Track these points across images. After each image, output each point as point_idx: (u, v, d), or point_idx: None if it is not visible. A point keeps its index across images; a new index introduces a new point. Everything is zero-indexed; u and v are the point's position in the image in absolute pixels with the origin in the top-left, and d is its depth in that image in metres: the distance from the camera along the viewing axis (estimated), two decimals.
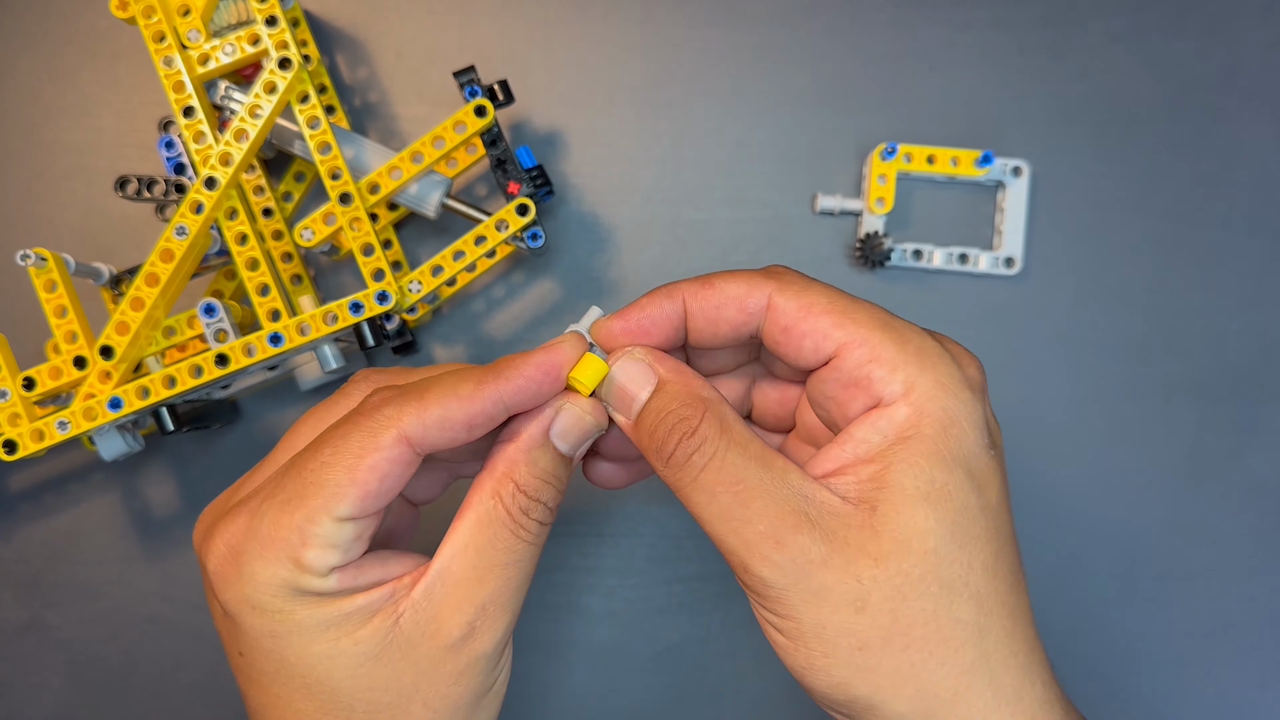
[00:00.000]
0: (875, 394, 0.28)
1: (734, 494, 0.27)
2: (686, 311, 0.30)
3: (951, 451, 0.27)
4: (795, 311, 0.29)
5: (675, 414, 0.28)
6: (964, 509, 0.27)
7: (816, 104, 0.44)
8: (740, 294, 0.29)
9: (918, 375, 0.27)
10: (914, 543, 0.26)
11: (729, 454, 0.28)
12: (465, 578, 0.28)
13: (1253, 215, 0.43)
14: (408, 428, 0.28)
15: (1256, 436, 0.43)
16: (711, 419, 0.28)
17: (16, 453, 0.36)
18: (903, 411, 0.27)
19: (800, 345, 0.29)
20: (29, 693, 0.42)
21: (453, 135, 0.39)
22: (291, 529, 0.27)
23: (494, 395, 0.28)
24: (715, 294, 0.30)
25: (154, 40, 0.37)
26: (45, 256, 0.37)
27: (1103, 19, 0.44)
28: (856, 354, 0.28)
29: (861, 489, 0.27)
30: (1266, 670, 0.42)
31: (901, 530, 0.26)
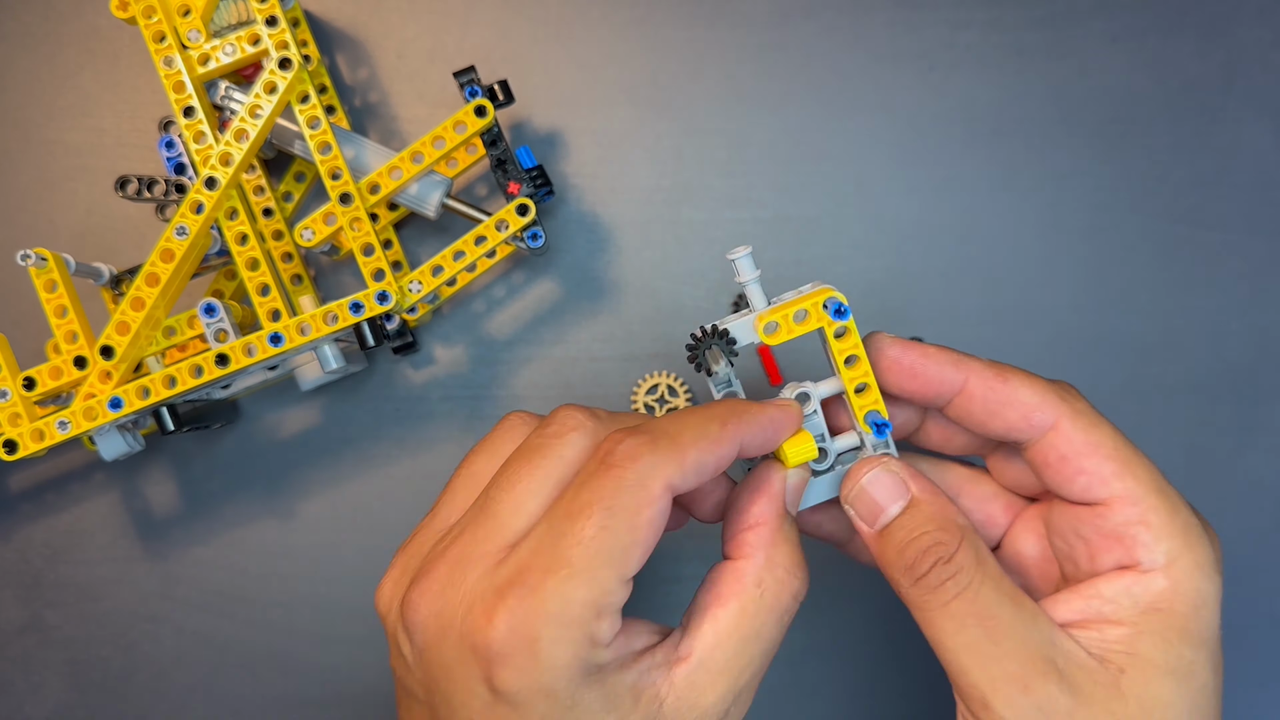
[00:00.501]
0: (1134, 556, 0.28)
1: (985, 629, 0.27)
2: (965, 390, 0.30)
3: (1200, 632, 0.28)
4: (1080, 446, 0.29)
5: (931, 536, 0.29)
6: (1204, 688, 0.28)
7: (816, 104, 0.44)
8: (1032, 404, 0.29)
9: (1182, 551, 0.28)
10: (1156, 713, 0.27)
11: (984, 587, 0.28)
12: (729, 667, 0.28)
13: (1252, 215, 0.43)
14: (671, 476, 0.27)
15: (1256, 436, 0.43)
16: (968, 548, 0.28)
17: (17, 452, 0.36)
18: (1160, 583, 0.28)
19: (1073, 480, 0.29)
20: (29, 692, 0.42)
21: (453, 135, 0.39)
22: (588, 604, 0.26)
23: (736, 437, 0.28)
24: (1006, 391, 0.30)
25: (154, 40, 0.37)
26: (46, 256, 0.37)
27: (1102, 19, 0.44)
28: (1128, 511, 0.28)
29: (1108, 649, 0.28)
30: (1266, 670, 0.42)
31: (1147, 699, 0.27)
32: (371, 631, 0.42)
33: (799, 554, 0.30)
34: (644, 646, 0.28)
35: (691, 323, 0.43)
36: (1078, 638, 0.28)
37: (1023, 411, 0.29)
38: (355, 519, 0.43)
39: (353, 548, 0.43)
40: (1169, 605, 0.28)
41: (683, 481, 0.27)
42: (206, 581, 0.43)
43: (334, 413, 0.43)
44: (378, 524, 0.43)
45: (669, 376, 0.42)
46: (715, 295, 0.43)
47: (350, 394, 0.43)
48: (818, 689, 0.42)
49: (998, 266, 0.43)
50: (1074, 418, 0.29)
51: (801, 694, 0.42)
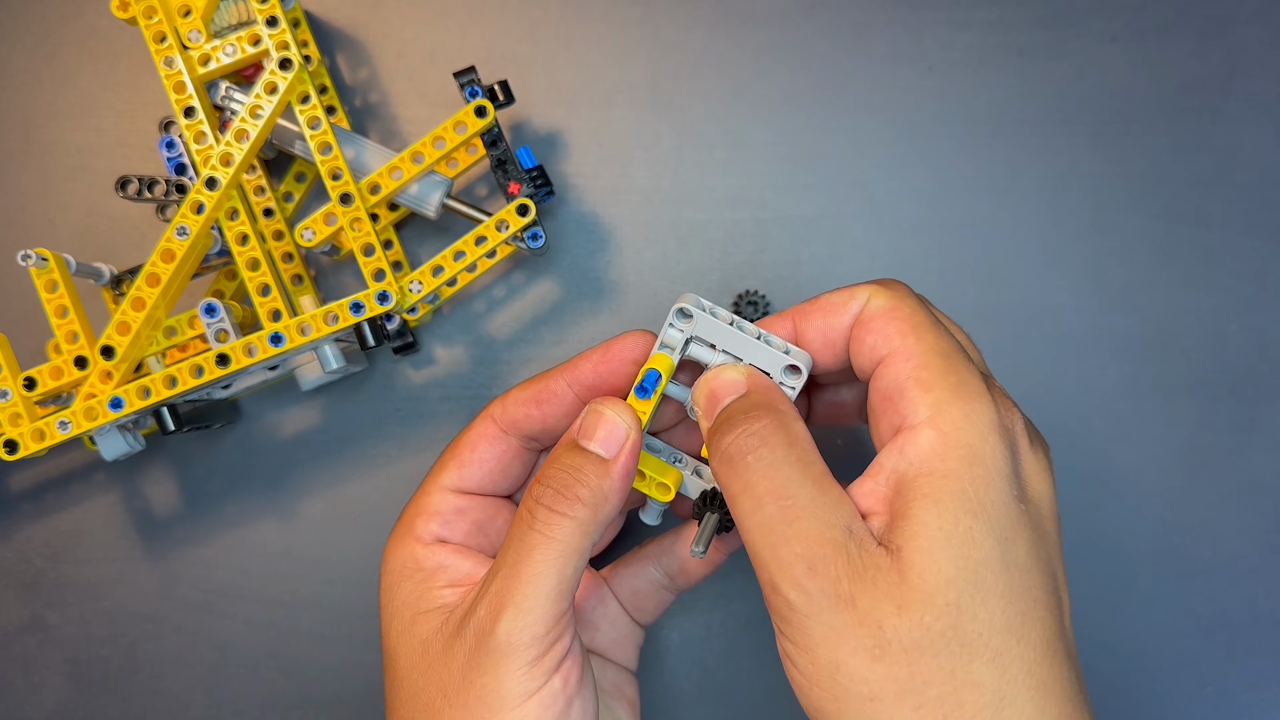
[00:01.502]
0: (902, 412, 0.27)
1: (780, 507, 0.26)
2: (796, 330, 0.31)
3: (977, 493, 0.26)
4: (878, 311, 0.29)
5: (745, 408, 0.29)
6: (986, 561, 0.25)
7: (817, 104, 0.44)
8: (840, 300, 0.30)
9: (949, 402, 0.26)
10: (938, 594, 0.25)
11: (786, 465, 0.27)
12: (491, 572, 0.29)
13: (1251, 215, 0.43)
14: (492, 409, 0.33)
15: (1255, 436, 0.43)
16: (777, 424, 0.28)
17: (17, 452, 0.36)
18: (927, 436, 0.26)
19: (862, 342, 0.29)
20: (30, 692, 0.42)
21: (453, 136, 0.39)
22: (414, 505, 0.33)
23: (558, 375, 0.33)
24: (817, 304, 0.31)
25: (155, 41, 0.37)
26: (46, 257, 0.37)
27: (1101, 20, 0.44)
28: (900, 366, 0.28)
29: (893, 526, 0.26)
30: (1265, 670, 0.42)
31: (926, 578, 0.25)
32: (372, 632, 0.42)
33: (571, 471, 0.30)
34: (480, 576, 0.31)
35: None
36: (870, 522, 0.27)
37: (839, 308, 0.30)
38: (356, 519, 0.43)
39: (353, 548, 0.43)
40: (940, 463, 0.26)
41: (502, 410, 0.33)
42: (207, 581, 0.43)
43: (334, 413, 0.43)
44: (378, 524, 0.43)
45: None
46: (715, 296, 0.43)
47: (351, 394, 0.43)
48: None
49: (997, 266, 0.43)
50: (880, 291, 0.29)
51: None
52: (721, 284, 0.43)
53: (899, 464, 0.27)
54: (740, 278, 0.43)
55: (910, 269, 0.43)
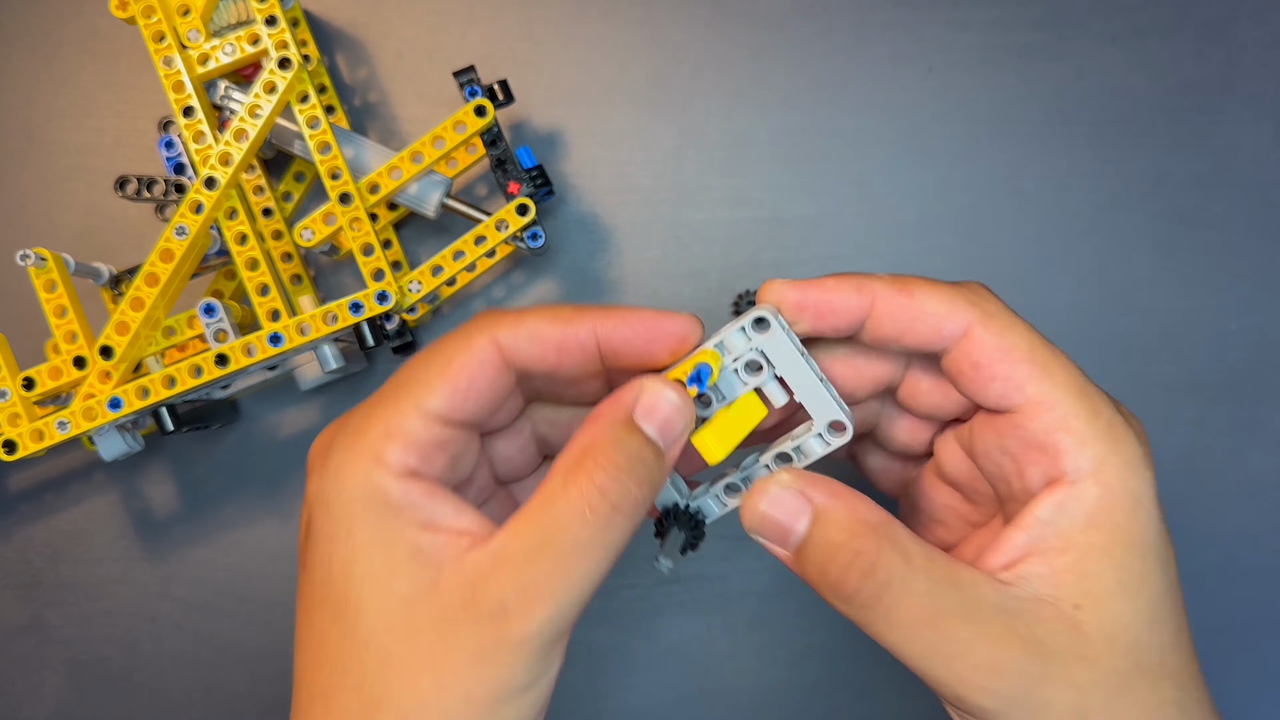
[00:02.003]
0: (1059, 466, 0.26)
1: (937, 630, 0.25)
2: (873, 312, 0.28)
3: (1142, 536, 0.26)
4: (993, 351, 0.27)
5: (848, 548, 0.26)
6: (1156, 593, 0.26)
7: (816, 105, 0.44)
8: (940, 313, 0.27)
9: (1108, 454, 0.26)
10: (1118, 637, 0.26)
11: (918, 583, 0.26)
12: (514, 553, 0.25)
13: (1251, 215, 0.43)
14: (500, 334, 0.27)
15: (1255, 436, 0.43)
16: (888, 548, 0.26)
17: (16, 453, 0.36)
18: (1092, 492, 0.26)
19: (988, 387, 0.27)
20: (29, 692, 0.42)
21: (453, 135, 0.39)
22: (379, 421, 0.26)
23: (589, 323, 0.27)
24: (912, 305, 0.28)
25: (154, 40, 0.37)
26: (45, 256, 0.37)
27: (1101, 20, 0.44)
28: (1046, 417, 0.26)
29: (1059, 581, 0.26)
30: (1266, 670, 0.42)
31: (1107, 626, 0.26)
32: None
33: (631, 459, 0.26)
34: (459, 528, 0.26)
35: None
36: (1027, 577, 0.26)
37: (932, 323, 0.27)
38: None
39: None
40: (1108, 516, 0.26)
41: (514, 342, 0.27)
42: (206, 581, 0.43)
43: (334, 412, 0.43)
44: None
45: None
46: (715, 296, 0.43)
47: (350, 394, 0.43)
48: (817, 688, 0.42)
49: (998, 267, 0.43)
50: (985, 322, 0.27)
51: (801, 693, 0.42)
52: (721, 284, 0.43)
53: (1061, 519, 0.26)
54: (740, 278, 0.43)
55: (910, 269, 0.43)
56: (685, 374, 0.27)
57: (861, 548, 0.26)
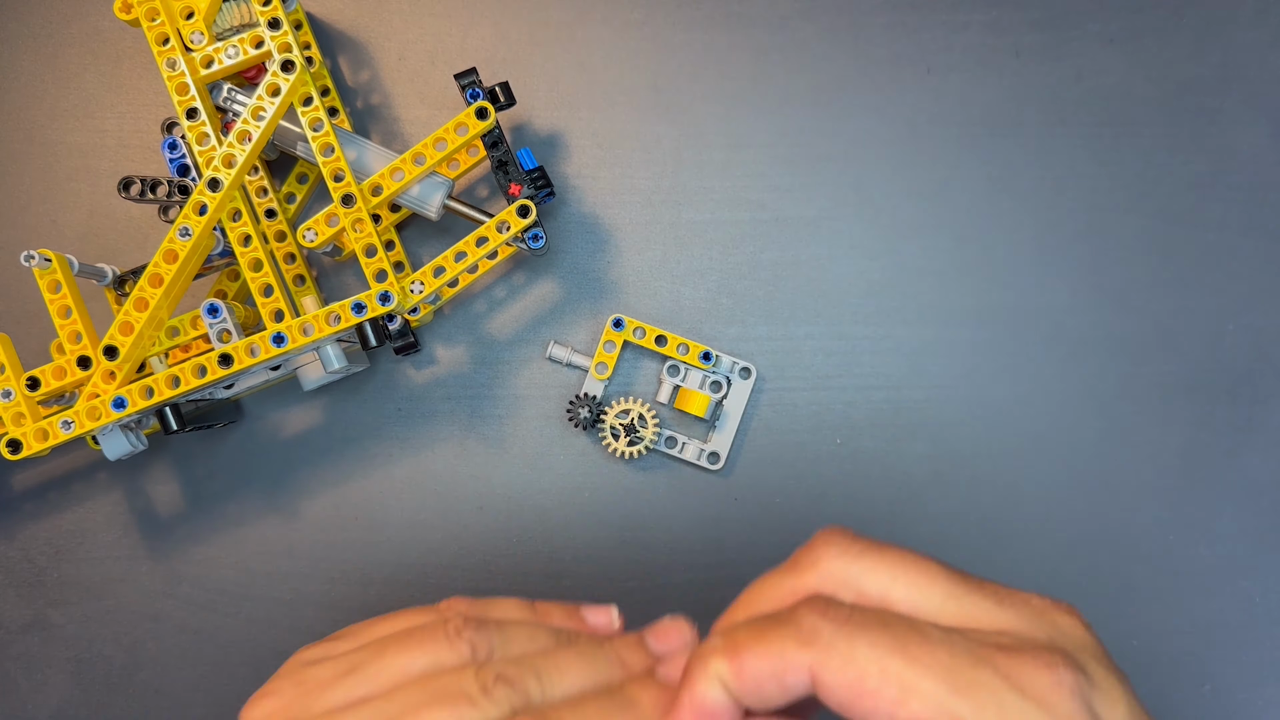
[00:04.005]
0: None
1: None
2: (732, 694, 0.26)
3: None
4: (844, 693, 0.25)
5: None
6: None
7: (815, 106, 0.44)
8: (776, 674, 0.26)
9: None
10: None
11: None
12: None
13: (1248, 216, 0.44)
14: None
15: (1253, 436, 0.43)
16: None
17: (21, 452, 0.36)
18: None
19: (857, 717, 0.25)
20: (33, 691, 0.43)
21: (454, 137, 0.39)
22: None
23: None
24: (748, 678, 0.26)
25: (157, 43, 0.38)
26: (50, 257, 0.37)
27: (1098, 22, 0.44)
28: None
29: None
30: (1263, 669, 0.43)
31: None
32: None
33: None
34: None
35: (691, 323, 0.43)
36: None
37: (778, 686, 0.26)
38: (357, 518, 0.43)
39: (355, 546, 0.43)
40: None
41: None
42: (209, 580, 0.43)
43: (336, 412, 0.43)
44: (380, 523, 0.43)
45: (640, 404, 0.42)
46: (715, 296, 0.43)
47: (352, 394, 0.43)
48: None
49: (995, 267, 0.43)
50: (823, 660, 0.25)
51: None
52: (721, 284, 0.43)
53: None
54: (740, 278, 0.43)
55: (908, 270, 0.44)
56: None
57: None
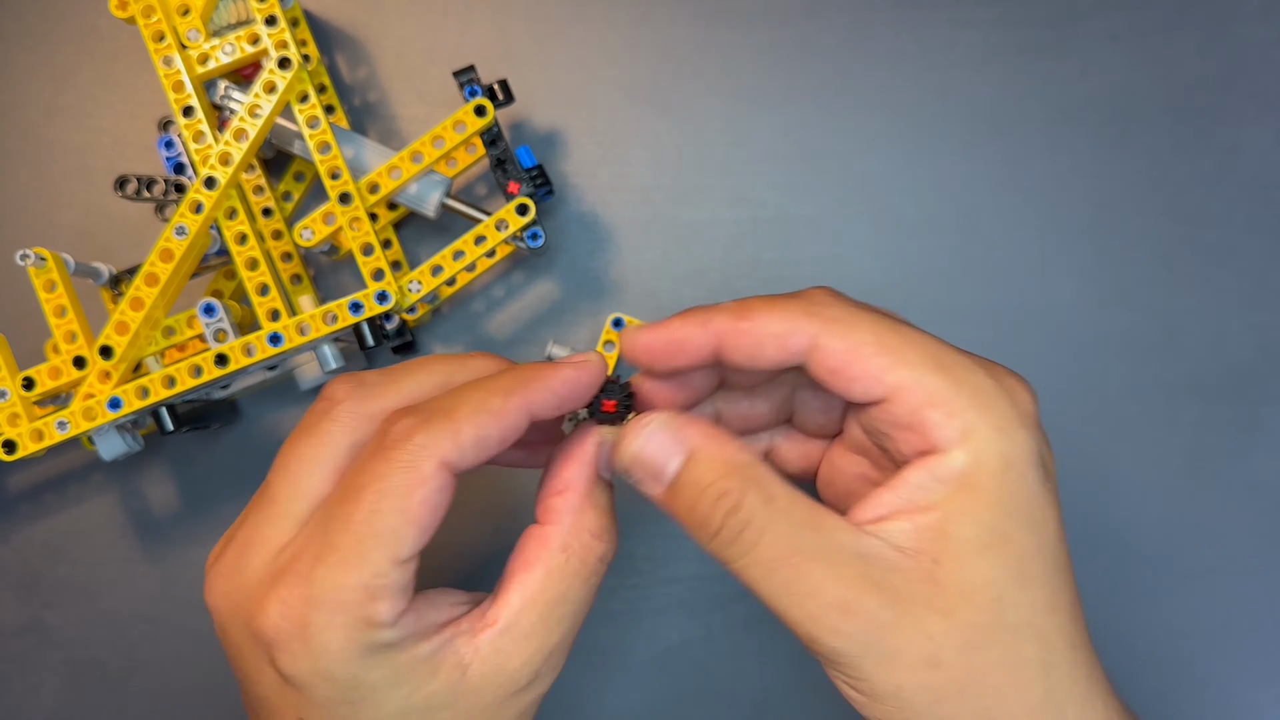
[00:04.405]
0: (931, 440, 0.27)
1: (791, 567, 0.26)
2: (720, 345, 0.29)
3: (1011, 497, 0.27)
4: (843, 354, 0.28)
5: (715, 487, 0.27)
6: (1024, 553, 0.27)
7: (816, 103, 0.44)
8: (781, 332, 0.28)
9: (975, 420, 0.27)
10: (979, 593, 0.26)
11: (778, 524, 0.27)
12: (535, 630, 0.28)
13: (1254, 214, 0.43)
14: (446, 454, 0.27)
15: (1257, 436, 0.43)
16: (753, 490, 0.27)
17: (16, 453, 0.36)
18: (960, 459, 0.26)
19: (850, 388, 0.28)
20: (28, 693, 0.42)
21: (452, 135, 0.39)
22: (358, 588, 0.26)
23: (523, 407, 0.28)
24: (753, 331, 0.28)
25: (153, 40, 0.37)
26: (44, 256, 0.37)
27: (1103, 18, 0.44)
28: (910, 399, 0.27)
29: (920, 539, 0.26)
30: (1267, 670, 0.42)
31: (966, 582, 0.26)
32: None
33: (606, 519, 0.30)
34: (448, 618, 0.28)
35: None
36: (886, 533, 0.27)
37: (776, 343, 0.28)
38: None
39: None
40: (974, 479, 0.26)
41: (460, 458, 0.27)
42: None
43: None
44: None
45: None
46: (715, 296, 0.43)
47: None
48: (817, 688, 0.42)
49: (998, 266, 0.43)
50: (828, 328, 0.28)
51: (802, 693, 0.42)
52: (721, 284, 0.43)
53: (929, 483, 0.27)
54: (740, 277, 0.43)
55: (911, 269, 0.43)
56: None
57: (728, 487, 0.27)
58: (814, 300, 0.29)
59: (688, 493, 0.28)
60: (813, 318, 0.28)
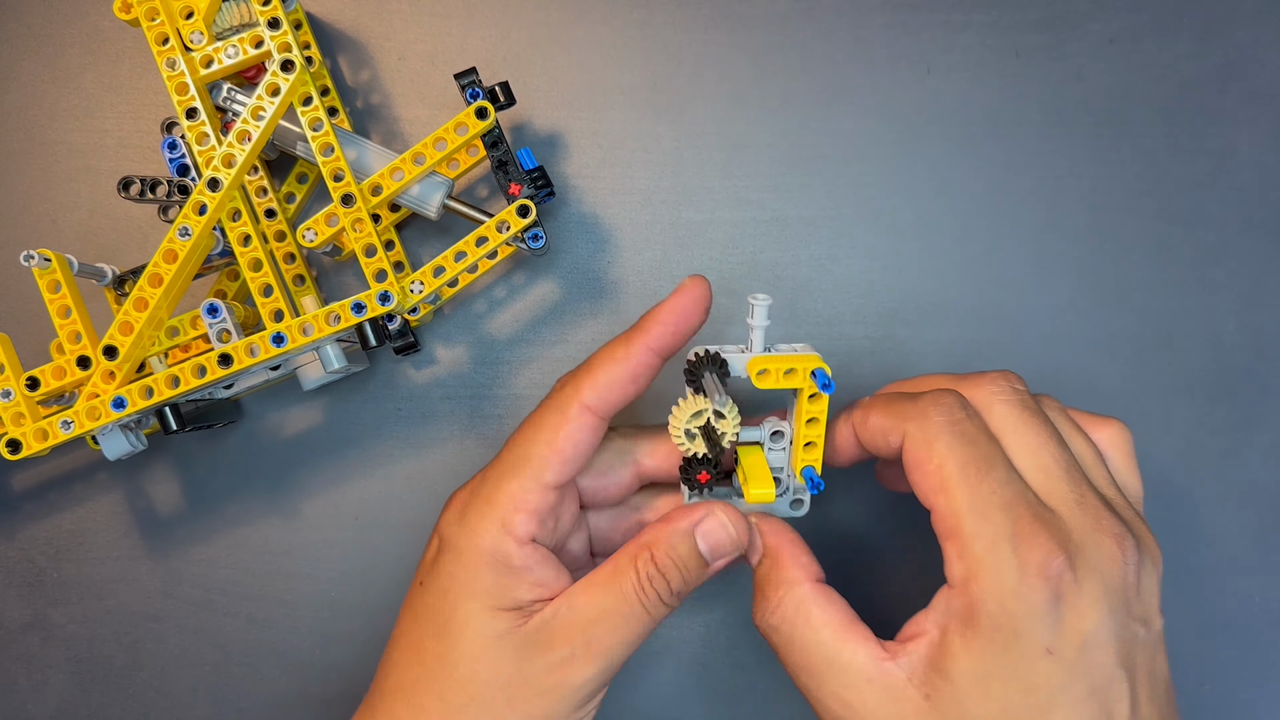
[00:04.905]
0: (947, 567, 0.30)
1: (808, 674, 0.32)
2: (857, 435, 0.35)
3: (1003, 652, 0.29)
4: (912, 462, 0.32)
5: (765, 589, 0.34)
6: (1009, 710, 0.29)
7: (815, 106, 0.44)
8: (885, 429, 0.33)
9: (978, 571, 0.29)
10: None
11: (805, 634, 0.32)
12: (584, 613, 0.32)
13: (1249, 216, 0.44)
14: (585, 397, 0.33)
15: (1253, 435, 0.43)
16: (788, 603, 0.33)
17: (20, 452, 0.36)
18: (959, 601, 0.30)
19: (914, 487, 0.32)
20: (33, 691, 0.43)
21: (454, 137, 0.39)
22: (506, 494, 0.33)
23: (643, 346, 0.33)
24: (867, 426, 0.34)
25: (157, 42, 0.38)
26: (49, 257, 0.37)
27: (1099, 21, 0.44)
28: (940, 525, 0.31)
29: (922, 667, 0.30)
30: (1263, 669, 0.43)
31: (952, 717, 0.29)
32: (374, 630, 0.43)
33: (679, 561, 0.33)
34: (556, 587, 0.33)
35: None
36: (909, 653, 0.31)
37: (883, 439, 0.33)
38: (357, 518, 0.43)
39: (355, 546, 0.43)
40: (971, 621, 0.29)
41: (599, 398, 0.33)
42: (210, 580, 0.43)
43: (336, 412, 0.43)
44: (380, 523, 0.43)
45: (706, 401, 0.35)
46: (715, 295, 0.43)
47: (352, 394, 0.43)
48: None
49: (995, 267, 0.44)
50: (913, 436, 0.32)
51: None
52: (721, 284, 0.43)
53: (944, 615, 0.30)
54: (740, 278, 0.43)
55: (908, 270, 0.44)
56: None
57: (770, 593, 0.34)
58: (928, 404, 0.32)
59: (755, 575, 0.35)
60: (908, 422, 0.32)
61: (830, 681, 0.31)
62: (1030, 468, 0.31)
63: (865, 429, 0.34)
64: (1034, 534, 0.29)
